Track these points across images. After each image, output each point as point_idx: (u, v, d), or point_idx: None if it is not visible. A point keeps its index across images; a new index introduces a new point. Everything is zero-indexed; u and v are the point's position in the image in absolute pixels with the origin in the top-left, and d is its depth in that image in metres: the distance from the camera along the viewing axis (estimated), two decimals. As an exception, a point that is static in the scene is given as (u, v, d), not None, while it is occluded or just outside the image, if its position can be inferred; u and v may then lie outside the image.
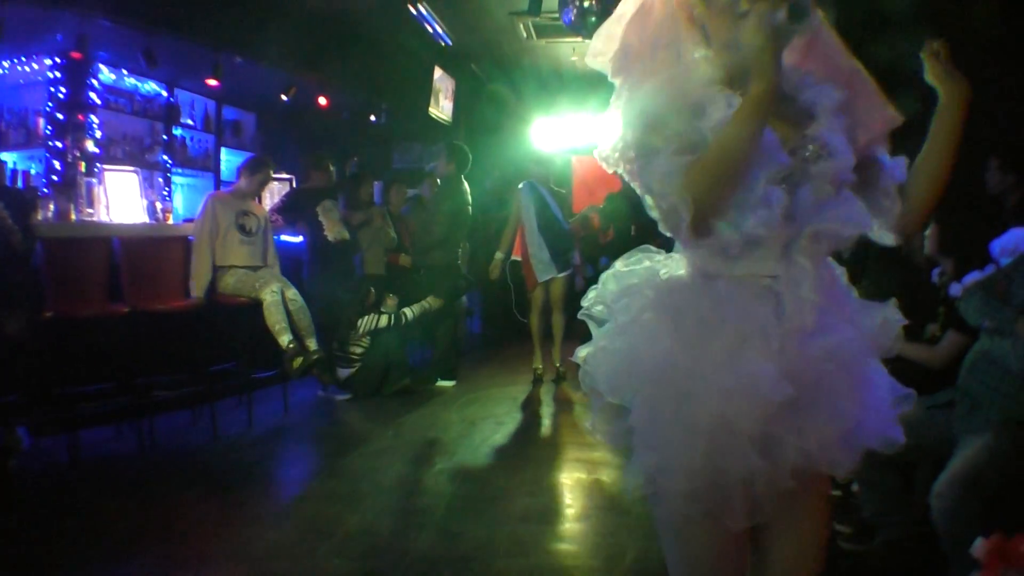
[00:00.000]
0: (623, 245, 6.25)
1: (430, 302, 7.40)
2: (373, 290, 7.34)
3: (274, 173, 6.90)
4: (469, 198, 7.77)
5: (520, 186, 7.90)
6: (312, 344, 6.33)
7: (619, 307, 1.69)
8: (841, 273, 1.71)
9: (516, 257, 8.18)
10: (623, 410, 1.61)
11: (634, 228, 7.12)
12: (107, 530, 3.94)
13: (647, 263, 1.76)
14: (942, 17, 5.78)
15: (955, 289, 3.62)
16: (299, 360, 6.07)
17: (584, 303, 1.80)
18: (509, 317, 10.14)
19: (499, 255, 7.88)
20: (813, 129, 1.60)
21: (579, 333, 1.88)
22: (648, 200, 1.64)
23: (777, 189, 1.52)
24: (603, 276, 1.80)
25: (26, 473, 4.55)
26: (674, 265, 1.71)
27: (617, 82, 1.69)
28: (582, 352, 1.72)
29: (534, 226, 7.60)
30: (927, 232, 4.03)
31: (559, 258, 7.66)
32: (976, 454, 2.94)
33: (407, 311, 7.28)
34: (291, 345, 6.04)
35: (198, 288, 6.08)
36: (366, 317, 7.12)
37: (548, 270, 7.61)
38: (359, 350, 7.05)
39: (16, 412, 4.70)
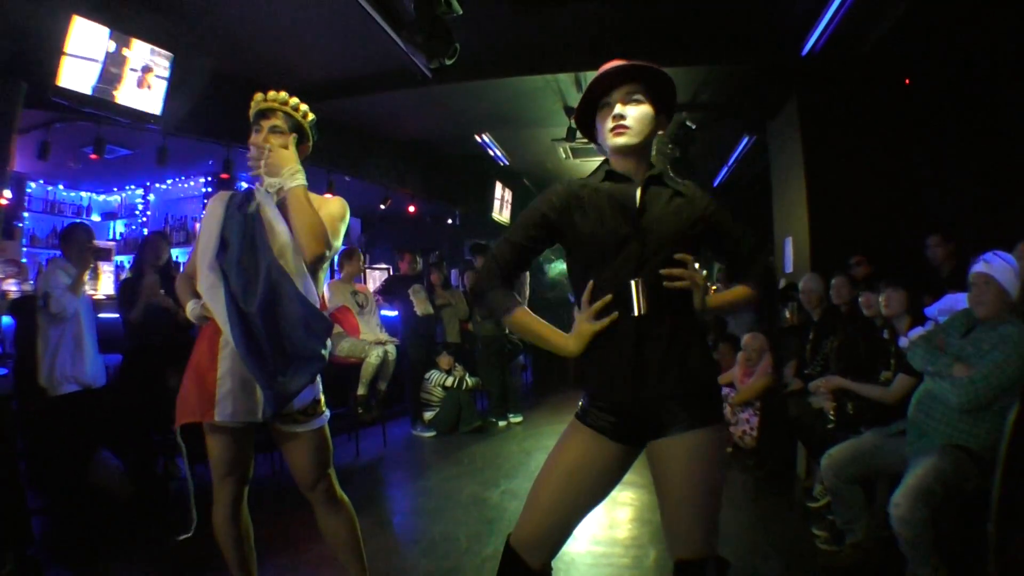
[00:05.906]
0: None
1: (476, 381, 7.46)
2: (450, 357, 7.39)
3: (362, 257, 7.04)
4: None
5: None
6: (382, 386, 6.39)
7: None
8: None
9: None
10: None
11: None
12: (260, 532, 4.01)
13: None
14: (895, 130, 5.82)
15: (902, 342, 3.62)
16: (363, 411, 6.25)
17: None
18: (554, 372, 10.26)
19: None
20: None
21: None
22: None
23: None
24: None
25: (183, 493, 4.65)
26: None
27: None
28: None
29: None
30: (880, 298, 4.02)
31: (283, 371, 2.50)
32: (925, 472, 2.90)
33: (468, 379, 7.33)
34: (361, 394, 6.19)
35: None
36: (437, 374, 7.20)
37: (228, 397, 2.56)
38: (435, 397, 7.12)
39: (175, 446, 4.81)
